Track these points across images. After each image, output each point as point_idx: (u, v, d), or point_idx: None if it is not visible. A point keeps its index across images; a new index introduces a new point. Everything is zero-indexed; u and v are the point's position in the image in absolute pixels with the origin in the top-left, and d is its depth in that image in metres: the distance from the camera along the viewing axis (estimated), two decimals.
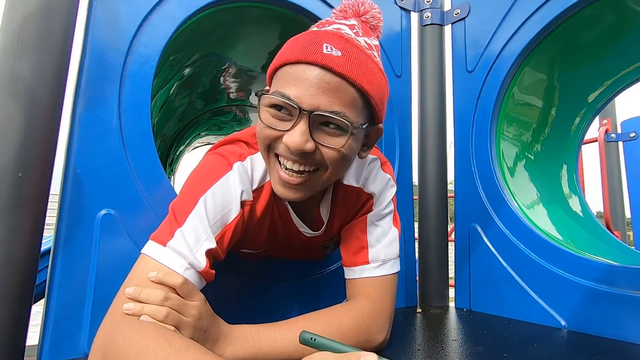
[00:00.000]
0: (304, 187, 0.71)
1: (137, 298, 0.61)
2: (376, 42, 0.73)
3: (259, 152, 0.79)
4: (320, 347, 0.52)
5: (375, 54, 0.71)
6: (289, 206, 0.84)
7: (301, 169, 0.69)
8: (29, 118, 0.76)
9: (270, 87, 0.71)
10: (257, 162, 0.79)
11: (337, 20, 0.72)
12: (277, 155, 0.70)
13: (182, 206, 0.69)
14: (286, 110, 0.66)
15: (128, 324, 0.57)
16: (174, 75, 1.51)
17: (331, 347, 0.51)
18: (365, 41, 0.70)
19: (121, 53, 0.90)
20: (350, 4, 0.74)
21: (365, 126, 0.70)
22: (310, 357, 0.48)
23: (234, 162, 0.75)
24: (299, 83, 0.64)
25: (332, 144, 0.67)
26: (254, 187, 0.78)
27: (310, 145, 0.65)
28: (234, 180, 0.74)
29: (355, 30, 0.70)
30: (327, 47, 0.64)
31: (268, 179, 0.79)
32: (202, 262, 0.66)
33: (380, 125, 0.76)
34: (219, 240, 0.70)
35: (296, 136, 0.64)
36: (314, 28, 0.73)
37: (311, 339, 0.53)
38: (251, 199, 0.77)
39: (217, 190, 0.71)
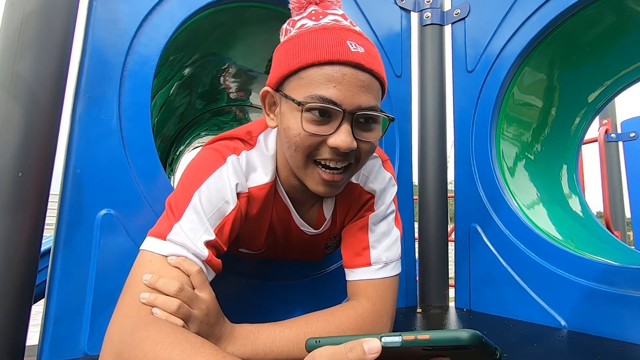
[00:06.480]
0: (342, 182, 0.74)
1: (153, 285, 0.61)
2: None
3: (254, 149, 0.79)
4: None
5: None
6: (291, 206, 0.84)
7: (343, 165, 0.71)
8: (29, 118, 0.76)
9: (284, 90, 0.70)
10: (253, 159, 0.79)
11: (328, 12, 0.72)
12: (314, 160, 0.71)
13: (178, 201, 0.70)
14: (326, 112, 0.66)
15: (144, 319, 0.58)
16: (174, 75, 1.51)
17: (334, 341, 0.50)
18: (359, 29, 0.73)
19: (121, 53, 0.90)
20: None
21: None
22: (312, 355, 0.48)
23: (228, 155, 0.75)
24: (337, 84, 0.65)
25: (369, 138, 0.70)
26: (252, 185, 0.78)
27: (355, 144, 0.68)
28: (227, 173, 0.73)
29: (349, 20, 0.73)
30: (352, 45, 0.66)
31: (268, 179, 0.79)
32: (205, 252, 0.66)
33: None
34: (218, 232, 0.70)
35: (344, 137, 0.66)
36: (308, 22, 0.71)
37: (316, 342, 0.52)
38: (246, 191, 0.76)
39: (211, 184, 0.71)
